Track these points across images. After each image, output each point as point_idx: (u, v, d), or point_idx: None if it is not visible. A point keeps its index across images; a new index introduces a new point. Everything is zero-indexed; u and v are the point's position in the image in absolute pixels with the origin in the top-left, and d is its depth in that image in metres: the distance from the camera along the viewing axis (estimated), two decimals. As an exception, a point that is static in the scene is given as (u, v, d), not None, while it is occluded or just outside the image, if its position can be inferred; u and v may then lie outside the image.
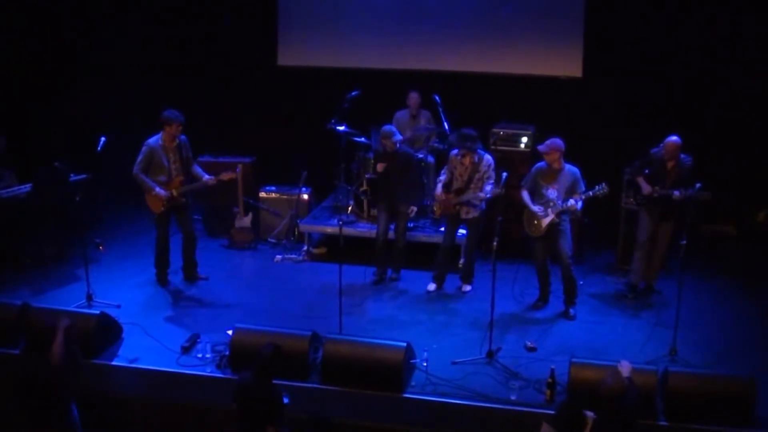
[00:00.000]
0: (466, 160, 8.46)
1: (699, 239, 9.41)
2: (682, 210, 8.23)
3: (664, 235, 8.49)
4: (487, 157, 8.52)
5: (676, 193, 8.08)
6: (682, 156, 8.26)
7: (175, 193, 8.55)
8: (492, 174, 8.46)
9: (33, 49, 11.45)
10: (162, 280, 8.94)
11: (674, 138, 8.16)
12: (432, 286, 8.92)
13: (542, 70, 10.71)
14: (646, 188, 8.37)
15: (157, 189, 8.47)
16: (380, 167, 8.86)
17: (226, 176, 8.81)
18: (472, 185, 8.46)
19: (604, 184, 7.86)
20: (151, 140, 8.52)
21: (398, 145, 8.85)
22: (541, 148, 8.06)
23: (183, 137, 8.61)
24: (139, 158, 8.51)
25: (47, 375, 5.66)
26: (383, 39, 11.16)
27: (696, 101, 10.25)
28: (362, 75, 10.92)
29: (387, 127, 8.91)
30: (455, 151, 8.59)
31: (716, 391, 6.45)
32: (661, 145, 8.27)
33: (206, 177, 8.71)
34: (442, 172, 8.77)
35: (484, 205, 8.56)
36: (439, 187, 8.68)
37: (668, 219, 8.41)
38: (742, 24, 9.99)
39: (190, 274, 9.03)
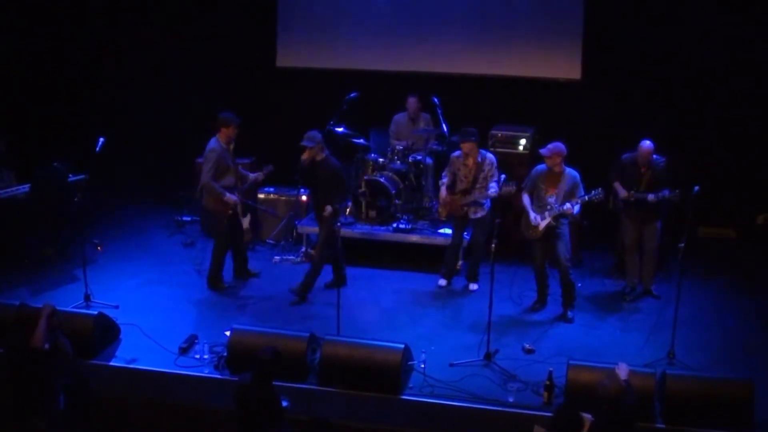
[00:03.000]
0: (470, 161, 8.50)
1: (698, 242, 9.41)
2: (662, 211, 8.29)
3: (651, 236, 8.50)
4: (490, 156, 8.57)
5: (651, 196, 8.17)
6: (655, 157, 8.32)
7: (239, 194, 8.69)
8: (495, 173, 8.52)
9: (33, 50, 11.44)
10: (243, 271, 9.05)
11: (648, 143, 8.23)
12: (443, 282, 8.98)
13: (541, 73, 10.72)
14: (623, 192, 8.38)
15: (228, 194, 8.49)
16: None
17: (268, 171, 9.00)
18: (478, 185, 8.49)
19: (600, 189, 7.88)
20: (215, 145, 8.47)
21: (326, 154, 8.51)
22: (543, 151, 8.05)
23: None
24: (209, 166, 8.41)
25: (31, 360, 6.00)
26: (382, 41, 11.16)
27: (695, 104, 10.25)
28: (361, 77, 10.92)
29: (313, 133, 8.49)
30: (457, 153, 8.61)
31: (714, 394, 6.44)
32: (635, 151, 8.29)
33: (252, 175, 8.85)
34: (444, 174, 8.78)
35: (489, 203, 8.63)
36: (444, 190, 8.72)
37: (651, 220, 8.44)
38: (741, 26, 9.99)
39: (243, 269, 9.12)
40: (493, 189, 8.43)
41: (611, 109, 10.49)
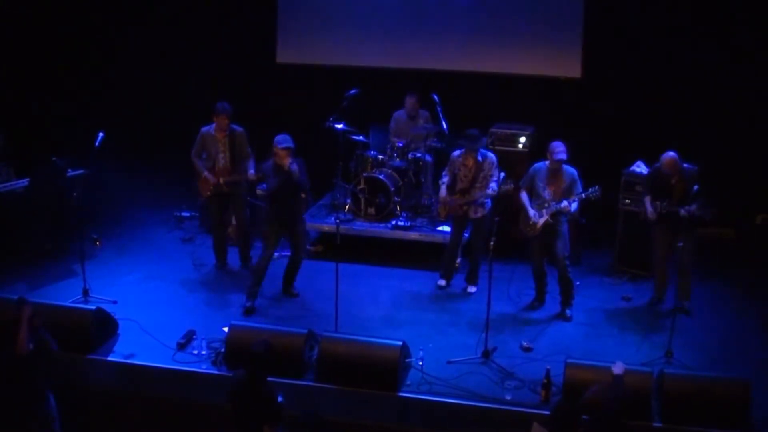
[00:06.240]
0: (469, 161, 8.44)
1: (697, 242, 9.40)
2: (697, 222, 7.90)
3: (685, 251, 7.88)
4: (490, 156, 8.52)
5: (682, 210, 7.70)
6: (686, 166, 7.90)
7: (221, 181, 8.83)
8: (495, 172, 8.46)
9: (32, 45, 11.44)
10: (219, 264, 9.31)
11: (671, 154, 7.79)
12: (442, 282, 8.95)
13: (541, 71, 10.71)
14: (650, 209, 7.99)
15: (206, 173, 8.84)
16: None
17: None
18: (477, 185, 8.46)
19: (597, 187, 7.86)
20: (204, 127, 8.91)
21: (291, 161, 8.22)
22: (562, 156, 7.86)
23: (240, 129, 8.90)
24: (195, 144, 8.95)
25: (15, 365, 5.87)
26: (383, 37, 11.16)
27: (695, 103, 10.24)
28: (361, 73, 10.92)
29: (285, 138, 8.16)
30: (457, 153, 8.57)
31: (711, 394, 6.46)
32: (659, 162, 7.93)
33: (250, 172, 8.93)
34: (444, 173, 8.74)
35: (490, 203, 8.59)
36: (443, 190, 8.65)
37: (685, 234, 7.80)
38: (742, 26, 9.98)
39: (246, 257, 9.35)
40: (492, 188, 8.40)
41: (611, 107, 10.49)
